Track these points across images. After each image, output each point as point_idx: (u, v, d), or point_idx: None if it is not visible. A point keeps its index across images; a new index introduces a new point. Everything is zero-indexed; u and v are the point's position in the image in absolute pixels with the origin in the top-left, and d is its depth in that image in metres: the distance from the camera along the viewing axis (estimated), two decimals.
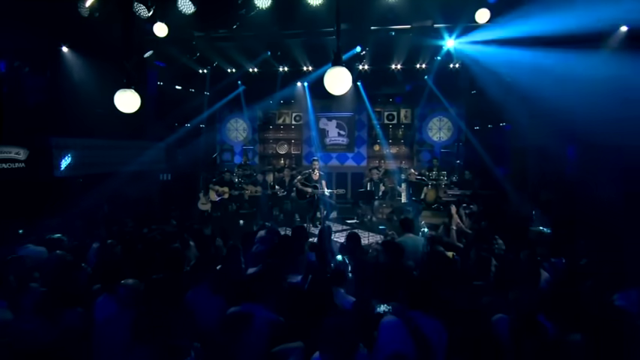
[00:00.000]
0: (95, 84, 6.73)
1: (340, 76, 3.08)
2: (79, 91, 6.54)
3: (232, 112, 12.34)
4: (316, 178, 8.13)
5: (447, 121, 11.55)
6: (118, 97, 3.63)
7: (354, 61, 8.66)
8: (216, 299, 3.43)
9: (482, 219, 6.10)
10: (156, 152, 9.26)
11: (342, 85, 3.09)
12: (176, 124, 10.63)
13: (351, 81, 3.19)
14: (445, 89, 10.45)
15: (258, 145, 12.56)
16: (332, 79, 3.11)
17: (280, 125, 12.48)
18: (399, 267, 4.06)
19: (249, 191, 9.51)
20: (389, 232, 5.49)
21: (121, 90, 3.66)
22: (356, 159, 12.12)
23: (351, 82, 3.19)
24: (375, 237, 7.70)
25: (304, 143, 12.37)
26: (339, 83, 3.08)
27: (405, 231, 5.02)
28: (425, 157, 11.69)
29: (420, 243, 4.88)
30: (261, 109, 12.31)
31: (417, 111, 11.67)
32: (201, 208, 9.45)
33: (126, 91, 3.69)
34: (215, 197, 9.26)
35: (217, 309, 3.29)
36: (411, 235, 4.99)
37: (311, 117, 11.70)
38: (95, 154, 7.05)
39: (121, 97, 3.66)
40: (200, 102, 11.05)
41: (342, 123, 12.07)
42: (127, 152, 8.05)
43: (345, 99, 11.30)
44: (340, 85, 3.09)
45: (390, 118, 11.95)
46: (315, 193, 7.89)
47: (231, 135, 12.58)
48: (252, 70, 9.34)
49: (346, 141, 12.08)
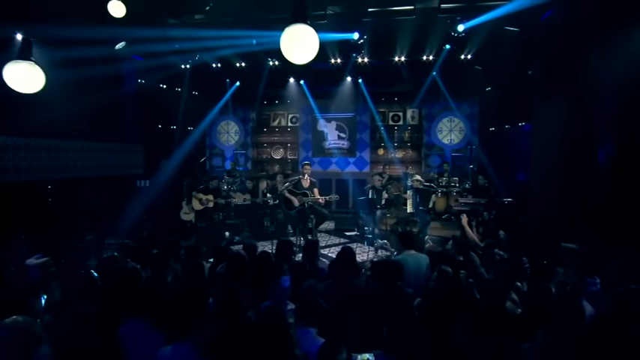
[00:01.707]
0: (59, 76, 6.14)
1: (302, 37, 2.31)
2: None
3: (223, 114, 11.79)
4: (307, 185, 7.38)
5: (459, 121, 10.91)
6: (8, 72, 2.87)
7: (351, 51, 7.98)
8: (155, 335, 2.78)
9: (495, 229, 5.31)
10: (133, 156, 8.65)
11: (304, 48, 2.33)
12: (159, 126, 10.08)
13: (317, 44, 2.42)
14: (456, 86, 9.80)
15: (251, 150, 12.01)
16: (291, 40, 2.35)
17: (275, 128, 11.95)
18: (390, 297, 3.26)
19: (236, 200, 8.93)
20: (384, 247, 4.73)
21: (12, 62, 2.90)
22: (358, 164, 11.50)
23: (317, 45, 2.42)
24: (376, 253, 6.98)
25: (301, 147, 11.77)
26: (301, 46, 2.31)
27: (405, 247, 4.29)
28: (434, 161, 11.06)
29: (424, 262, 4.14)
30: (254, 110, 11.79)
31: (425, 111, 11.12)
32: (183, 218, 8.88)
33: (19, 62, 2.92)
34: (199, 206, 8.66)
35: (155, 348, 2.66)
36: (413, 252, 4.26)
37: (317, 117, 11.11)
38: (54, 156, 6.41)
39: (13, 71, 2.88)
40: (187, 102, 10.52)
41: (343, 125, 11.48)
42: (96, 155, 7.41)
43: (346, 98, 10.76)
44: (302, 49, 2.33)
45: (396, 119, 11.35)
46: (305, 202, 7.15)
47: (221, 138, 12.06)
48: (238, 65, 8.75)
49: (347, 144, 11.48)
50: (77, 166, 6.86)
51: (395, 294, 3.38)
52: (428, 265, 4.09)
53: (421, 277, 4.04)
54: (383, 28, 6.90)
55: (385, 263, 3.78)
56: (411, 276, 3.93)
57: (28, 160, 5.91)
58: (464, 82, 9.59)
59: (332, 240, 8.48)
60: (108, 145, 7.81)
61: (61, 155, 6.48)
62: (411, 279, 3.92)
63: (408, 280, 3.82)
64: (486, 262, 4.38)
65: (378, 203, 8.35)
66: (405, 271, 3.67)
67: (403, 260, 4.03)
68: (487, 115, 10.21)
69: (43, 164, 6.16)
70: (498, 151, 9.26)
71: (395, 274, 3.49)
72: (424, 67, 9.04)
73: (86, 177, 7.09)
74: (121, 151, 8.26)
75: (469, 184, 9.30)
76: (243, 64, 8.71)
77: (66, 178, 6.55)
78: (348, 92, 10.62)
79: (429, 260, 4.12)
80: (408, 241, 4.35)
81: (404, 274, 3.62)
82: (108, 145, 7.81)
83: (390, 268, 3.56)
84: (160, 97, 9.65)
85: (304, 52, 2.33)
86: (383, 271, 3.55)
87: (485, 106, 10.36)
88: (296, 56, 2.34)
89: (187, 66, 8.67)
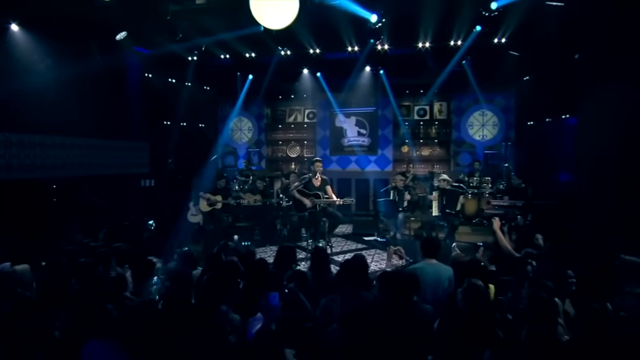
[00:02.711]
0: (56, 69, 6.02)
1: None
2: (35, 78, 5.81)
3: (236, 109, 11.32)
4: (318, 184, 6.88)
5: (492, 115, 10.26)
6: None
7: (369, 37, 7.47)
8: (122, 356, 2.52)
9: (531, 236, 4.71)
10: (138, 154, 8.47)
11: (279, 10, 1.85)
12: (167, 123, 9.89)
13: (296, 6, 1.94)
14: (489, 75, 9.15)
15: (265, 148, 11.72)
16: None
17: (291, 124, 11.58)
18: (402, 316, 2.78)
19: (246, 201, 8.62)
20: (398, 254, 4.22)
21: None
22: (380, 163, 11.01)
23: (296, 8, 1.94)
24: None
25: (318, 144, 11.36)
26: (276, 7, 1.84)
27: (426, 255, 3.84)
28: (464, 159, 10.45)
29: (445, 275, 3.64)
30: (268, 105, 11.50)
31: (455, 104, 10.53)
32: (191, 221, 8.57)
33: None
34: (207, 207, 8.38)
35: None
36: (434, 261, 3.78)
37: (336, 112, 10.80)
38: (50, 153, 6.25)
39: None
40: (198, 98, 10.38)
41: (363, 120, 11.02)
42: (96, 153, 7.26)
43: (366, 91, 10.30)
44: (276, 12, 1.86)
45: (421, 114, 10.77)
46: (317, 204, 6.72)
47: (234, 136, 11.81)
48: (248, 56, 8.43)
49: (368, 141, 11.01)
50: (75, 164, 6.69)
51: (408, 312, 2.93)
52: (451, 279, 3.59)
53: (440, 292, 3.57)
54: (404, 9, 6.40)
55: (396, 275, 3.29)
56: (427, 290, 3.49)
57: (20, 158, 5.74)
58: (498, 71, 8.89)
59: (348, 245, 8.01)
60: (110, 143, 7.64)
61: (57, 152, 6.32)
62: (427, 294, 3.49)
63: (424, 295, 3.42)
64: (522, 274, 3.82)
65: (400, 205, 7.86)
66: (421, 285, 3.19)
67: (420, 271, 3.58)
68: (525, 108, 9.55)
69: (37, 162, 5.99)
70: (538, 148, 8.65)
71: (408, 289, 3.03)
72: (452, 53, 8.42)
73: (85, 176, 6.92)
74: (124, 148, 8.08)
75: (503, 185, 8.63)
76: (253, 54, 8.40)
77: (63, 177, 6.39)
78: (369, 85, 10.16)
79: (454, 272, 3.62)
80: (431, 249, 3.87)
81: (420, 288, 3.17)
82: (110, 143, 7.64)
83: (402, 280, 3.09)
84: (168, 92, 9.45)
85: (279, 13, 1.88)
86: (392, 284, 3.09)
87: (522, 97, 9.71)
88: (268, 18, 1.89)
89: (194, 58, 8.46)
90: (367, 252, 7.34)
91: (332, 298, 3.18)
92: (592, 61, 5.86)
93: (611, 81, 5.44)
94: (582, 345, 2.45)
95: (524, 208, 6.97)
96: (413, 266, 3.92)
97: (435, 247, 3.89)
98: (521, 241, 5.19)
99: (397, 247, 4.46)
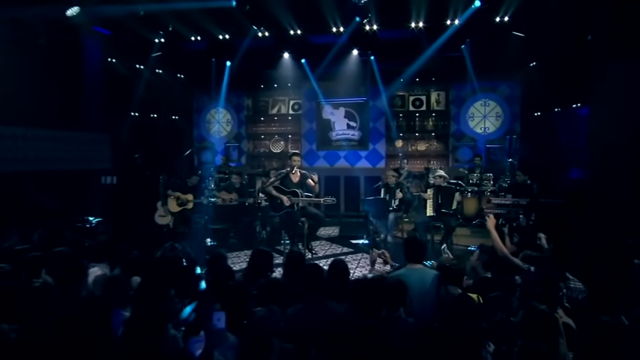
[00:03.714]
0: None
1: None
2: None
3: (213, 100, 11.09)
4: (296, 179, 6.51)
5: (495, 105, 10.01)
6: None
7: (355, 14, 7.09)
8: None
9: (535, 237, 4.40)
10: (97, 147, 8.01)
11: None
12: (136, 114, 9.48)
13: None
14: (491, 60, 8.80)
15: (245, 142, 11.37)
16: None
17: (274, 116, 11.25)
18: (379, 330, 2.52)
19: (220, 200, 8.28)
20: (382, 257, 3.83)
21: None
22: (371, 158, 10.71)
23: None
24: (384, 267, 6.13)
25: (304, 139, 11.03)
26: None
27: (410, 260, 3.61)
28: (464, 154, 10.19)
29: (430, 279, 3.39)
30: (249, 95, 11.17)
31: (454, 93, 10.26)
32: (159, 222, 8.22)
33: None
34: (176, 207, 8.03)
35: None
36: (420, 266, 3.56)
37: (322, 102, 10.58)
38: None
39: None
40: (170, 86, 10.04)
41: (353, 111, 10.72)
42: (45, 145, 6.78)
43: (356, 79, 9.95)
44: None
45: (417, 104, 10.49)
46: (295, 202, 6.35)
47: (211, 129, 11.48)
48: (222, 38, 8.04)
49: (358, 135, 10.71)
50: (18, 157, 6.24)
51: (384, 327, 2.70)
52: (435, 285, 3.34)
53: (428, 302, 3.30)
54: None
55: (371, 283, 2.97)
56: (413, 300, 3.21)
57: None
58: (501, 55, 8.52)
59: (333, 249, 7.60)
60: (62, 134, 7.12)
61: None
62: (414, 304, 3.22)
63: (410, 307, 3.15)
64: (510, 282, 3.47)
65: (391, 204, 7.52)
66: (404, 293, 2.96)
67: (403, 278, 3.25)
68: (531, 97, 9.27)
69: None
70: (546, 141, 8.40)
71: (385, 299, 2.82)
72: (449, 35, 8.03)
73: (31, 171, 6.43)
74: (80, 141, 7.59)
75: (507, 182, 8.31)
76: (227, 36, 8.00)
77: (2, 173, 5.97)
78: (359, 72, 9.78)
79: (439, 278, 3.38)
80: (415, 252, 3.60)
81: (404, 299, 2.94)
82: (62, 134, 7.12)
83: (378, 289, 2.86)
84: (135, 80, 9.05)
85: None
86: (365, 293, 2.86)
87: (528, 85, 9.43)
88: None
89: (161, 40, 8.08)
90: (354, 256, 7.00)
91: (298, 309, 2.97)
92: (607, 42, 5.54)
93: (629, 64, 5.12)
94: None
95: (528, 206, 6.63)
96: (395, 273, 3.63)
97: (420, 250, 3.62)
98: (524, 243, 4.92)
99: (381, 251, 4.10)
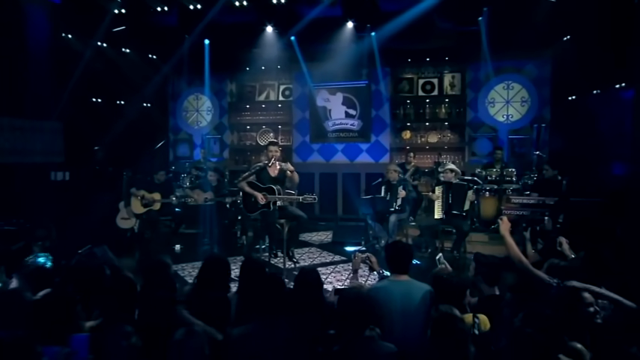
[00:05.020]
0: None
1: None
2: None
3: (191, 85, 11.03)
4: (275, 173, 6.16)
5: (520, 88, 9.64)
6: None
7: None
8: None
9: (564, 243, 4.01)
10: (45, 137, 7.73)
11: None
12: (96, 100, 9.28)
13: None
14: (516, 35, 8.43)
15: (229, 134, 11.14)
16: None
17: (262, 103, 11.03)
18: None
19: (193, 199, 8.06)
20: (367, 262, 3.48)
21: None
22: (373, 152, 10.47)
23: None
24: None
25: (295, 129, 10.78)
26: None
27: (393, 270, 3.38)
28: (483, 147, 9.86)
29: (419, 297, 3.14)
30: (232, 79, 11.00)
31: (471, 75, 9.91)
32: (121, 226, 8.02)
33: None
34: (140, 208, 7.78)
35: None
36: (406, 278, 3.30)
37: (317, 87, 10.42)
38: None
39: None
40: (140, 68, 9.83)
41: (352, 97, 10.44)
42: None
43: (355, 60, 9.67)
44: None
45: (428, 89, 10.20)
46: (271, 200, 6.06)
47: (189, 119, 11.31)
48: (192, 8, 7.72)
49: (358, 125, 10.45)
50: None
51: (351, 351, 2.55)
52: (426, 302, 3.09)
53: (412, 322, 3.07)
54: None
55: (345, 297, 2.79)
56: (394, 319, 3.05)
57: None
58: (527, 28, 8.16)
59: (323, 257, 7.33)
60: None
61: None
62: (395, 324, 3.04)
63: (390, 327, 2.99)
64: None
65: (392, 205, 7.20)
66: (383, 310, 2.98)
67: (384, 292, 3.17)
68: (565, 78, 8.92)
69: None
70: (581, 130, 8.07)
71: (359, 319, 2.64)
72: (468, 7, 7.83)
73: None
74: (23, 129, 7.24)
75: (532, 180, 8.03)
76: (199, 5, 7.66)
77: None
78: (358, 51, 9.48)
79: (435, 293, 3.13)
80: (400, 260, 3.36)
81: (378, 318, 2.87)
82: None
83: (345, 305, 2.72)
84: (97, 60, 8.77)
85: None
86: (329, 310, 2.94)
87: (560, 63, 9.08)
88: None
89: (122, 10, 7.80)
90: (345, 266, 6.68)
91: (245, 331, 2.74)
92: None
93: None
94: None
95: (556, 207, 6.28)
96: (375, 285, 3.45)
97: (405, 258, 3.35)
98: (549, 251, 4.53)
99: (366, 255, 3.79)
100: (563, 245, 3.86)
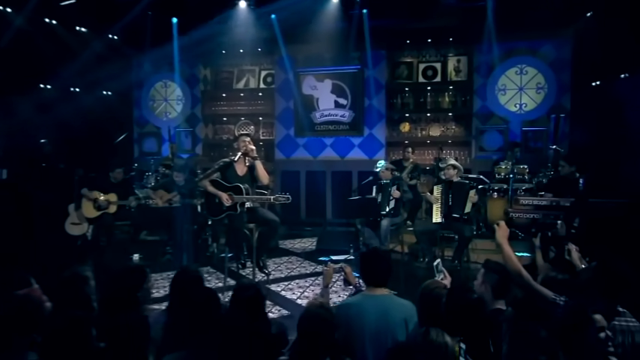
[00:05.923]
0: None
1: None
2: None
3: (159, 71, 10.89)
4: (243, 171, 6.00)
5: (536, 73, 9.50)
6: None
7: None
8: None
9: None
10: None
11: None
12: (45, 86, 9.09)
13: None
14: (529, 12, 8.54)
15: (202, 126, 11.01)
16: None
17: (240, 92, 10.95)
18: None
19: (155, 201, 7.87)
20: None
21: None
22: (367, 147, 10.35)
23: None
24: None
25: (278, 121, 10.63)
26: None
27: (367, 283, 3.26)
28: (492, 141, 9.73)
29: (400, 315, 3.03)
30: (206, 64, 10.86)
31: (478, 58, 9.72)
32: (70, 232, 7.92)
33: None
34: (93, 212, 7.69)
35: None
36: (384, 292, 3.19)
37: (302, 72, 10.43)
38: None
39: None
40: (99, 51, 9.59)
41: (342, 85, 10.33)
42: None
43: (345, 42, 9.66)
44: None
45: (429, 74, 10.21)
46: (238, 202, 5.82)
47: (157, 109, 11.15)
48: None
49: (349, 116, 10.34)
50: None
51: None
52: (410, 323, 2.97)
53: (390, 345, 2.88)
54: None
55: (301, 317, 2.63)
56: (366, 341, 2.90)
57: None
58: (544, 5, 8.27)
59: (303, 268, 7.20)
60: None
61: None
62: (367, 348, 2.90)
63: (362, 352, 2.88)
64: None
65: (384, 207, 7.00)
66: (350, 332, 2.89)
67: (356, 309, 3.04)
68: (586, 60, 8.85)
69: None
70: (606, 120, 7.99)
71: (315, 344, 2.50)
72: None
73: None
74: None
75: (549, 176, 7.90)
76: None
77: None
78: (349, 31, 9.49)
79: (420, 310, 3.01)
80: (375, 271, 3.21)
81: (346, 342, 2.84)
82: None
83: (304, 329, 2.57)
84: (46, 39, 8.56)
85: None
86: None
87: (582, 44, 8.97)
88: None
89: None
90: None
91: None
92: None
93: None
94: None
95: (572, 208, 6.08)
96: (345, 301, 3.48)
97: (380, 268, 3.19)
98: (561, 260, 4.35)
99: (339, 265, 3.65)
100: (573, 254, 3.75)
